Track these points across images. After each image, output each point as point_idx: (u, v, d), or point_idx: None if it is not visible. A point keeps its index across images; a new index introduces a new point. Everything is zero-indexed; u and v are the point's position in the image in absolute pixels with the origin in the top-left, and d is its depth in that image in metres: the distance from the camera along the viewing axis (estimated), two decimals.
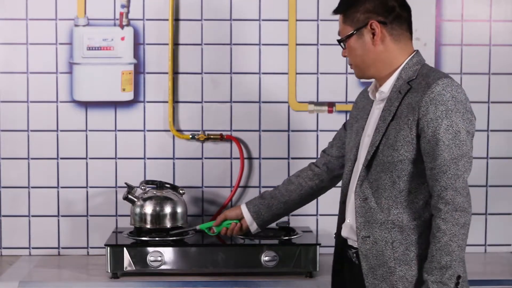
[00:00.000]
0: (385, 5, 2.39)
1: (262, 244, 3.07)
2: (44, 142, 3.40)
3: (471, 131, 2.30)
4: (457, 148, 2.26)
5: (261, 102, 3.44)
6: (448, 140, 2.25)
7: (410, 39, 2.44)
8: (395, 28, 2.39)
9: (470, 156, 2.28)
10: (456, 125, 2.26)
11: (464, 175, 2.27)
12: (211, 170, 3.44)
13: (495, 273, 3.18)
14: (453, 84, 2.29)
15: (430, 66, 2.43)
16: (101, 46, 3.38)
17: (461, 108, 2.28)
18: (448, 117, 2.25)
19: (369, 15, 2.38)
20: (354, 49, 2.42)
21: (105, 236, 3.27)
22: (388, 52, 2.40)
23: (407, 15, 2.42)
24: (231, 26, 3.42)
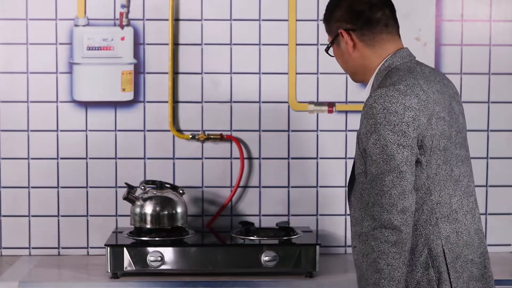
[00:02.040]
0: (352, 11, 2.34)
1: (262, 244, 3.08)
2: (44, 142, 3.40)
3: (406, 144, 2.15)
4: (384, 163, 2.15)
5: (261, 102, 3.44)
6: (375, 155, 2.17)
7: (391, 39, 2.36)
8: (366, 34, 2.34)
9: (400, 171, 2.14)
10: (384, 139, 2.15)
11: (392, 191, 2.14)
12: (211, 170, 3.44)
13: (495, 273, 3.14)
14: (388, 94, 2.17)
15: (401, 69, 2.30)
16: (101, 46, 3.38)
17: (393, 120, 2.15)
18: (376, 131, 2.16)
19: (339, 24, 2.36)
20: (337, 57, 2.44)
21: (105, 236, 3.27)
22: (364, 58, 2.36)
23: (382, 14, 2.34)
24: (231, 26, 3.42)
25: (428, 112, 2.21)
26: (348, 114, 3.44)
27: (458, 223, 2.27)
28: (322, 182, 3.45)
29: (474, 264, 2.30)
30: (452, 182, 2.28)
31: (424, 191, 2.24)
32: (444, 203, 2.26)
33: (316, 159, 3.45)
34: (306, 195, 3.46)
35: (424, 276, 2.23)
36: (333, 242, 3.46)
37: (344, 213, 3.46)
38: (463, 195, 2.31)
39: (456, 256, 2.26)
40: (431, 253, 2.24)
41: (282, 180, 3.46)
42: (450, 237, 2.25)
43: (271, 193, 3.46)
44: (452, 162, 2.28)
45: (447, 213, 2.26)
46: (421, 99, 2.20)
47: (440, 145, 2.24)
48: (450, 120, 2.28)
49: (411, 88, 2.21)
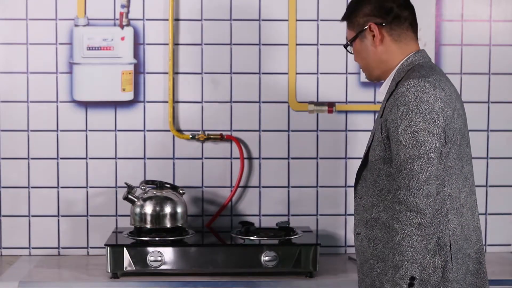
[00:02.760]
0: (383, 6, 2.44)
1: (262, 244, 3.08)
2: (44, 142, 3.41)
3: (436, 132, 2.25)
4: (413, 149, 2.24)
5: (261, 102, 3.44)
6: (405, 141, 2.26)
7: (414, 38, 2.47)
8: (394, 28, 2.44)
9: (429, 157, 2.24)
10: (415, 125, 2.25)
11: (420, 175, 2.23)
12: (211, 170, 3.44)
13: (495, 273, 3.18)
14: (420, 84, 2.27)
15: (424, 66, 2.40)
16: (101, 46, 3.38)
17: (424, 108, 2.25)
18: (407, 117, 2.26)
19: (368, 18, 2.45)
20: (358, 52, 2.50)
21: (105, 236, 3.27)
22: (388, 52, 2.45)
23: (408, 13, 2.46)
24: (231, 26, 3.42)
25: (452, 106, 2.31)
26: (348, 114, 3.44)
27: (463, 218, 2.36)
28: (322, 182, 3.45)
29: (471, 259, 2.38)
30: (462, 178, 2.37)
31: (439, 181, 2.30)
32: (455, 197, 2.35)
33: (316, 159, 3.45)
34: (306, 195, 3.46)
35: (430, 263, 2.29)
36: (333, 242, 3.47)
37: (344, 213, 3.46)
38: (469, 192, 2.41)
39: (459, 248, 2.34)
40: (439, 242, 2.31)
41: (282, 180, 3.46)
42: (456, 229, 2.34)
43: (271, 193, 3.46)
44: (463, 159, 2.38)
45: (456, 207, 2.35)
46: (447, 94, 2.31)
47: (457, 140, 2.34)
48: (465, 119, 2.40)
49: (439, 82, 2.31)
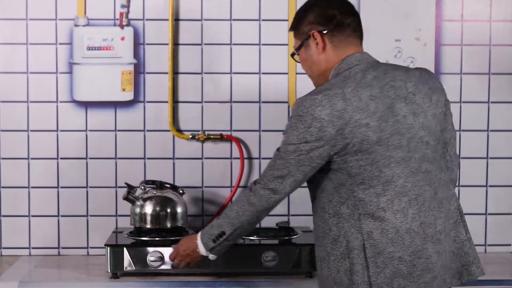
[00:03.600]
0: (325, 14, 2.51)
1: (262, 244, 3.08)
2: (44, 142, 3.41)
3: (304, 150, 2.39)
4: (281, 152, 2.45)
5: (261, 102, 3.44)
6: (281, 144, 2.45)
7: (355, 43, 2.52)
8: (336, 35, 2.50)
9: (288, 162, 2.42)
10: (290, 139, 2.42)
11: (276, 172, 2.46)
12: (211, 170, 3.44)
13: (495, 273, 3.18)
14: (302, 104, 2.38)
15: (339, 75, 2.45)
16: (101, 46, 3.38)
17: (300, 127, 2.38)
18: (287, 132, 2.44)
19: (311, 26, 2.53)
20: (304, 60, 2.58)
21: (105, 236, 3.27)
22: (328, 60, 2.52)
23: (352, 20, 2.52)
24: (231, 26, 3.42)
25: (342, 122, 2.35)
26: None
27: (384, 222, 2.37)
28: None
29: (402, 262, 2.38)
30: (381, 182, 2.38)
31: (348, 187, 2.40)
32: (369, 201, 2.38)
33: None
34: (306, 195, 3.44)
35: (341, 266, 2.41)
36: None
37: None
38: (395, 195, 2.39)
39: (378, 252, 2.37)
40: (348, 245, 2.39)
41: None
42: (372, 233, 2.37)
43: None
44: (382, 164, 2.38)
45: (372, 211, 2.38)
46: (335, 109, 2.35)
47: (362, 149, 2.36)
48: (381, 125, 2.37)
49: (329, 98, 2.36)
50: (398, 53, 3.42)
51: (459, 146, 3.46)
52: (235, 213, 2.56)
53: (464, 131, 3.47)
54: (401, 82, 2.44)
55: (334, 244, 2.42)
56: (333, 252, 2.42)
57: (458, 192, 3.47)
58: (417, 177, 2.42)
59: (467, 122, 3.48)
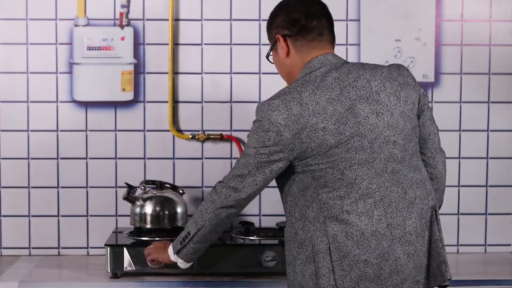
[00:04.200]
0: (290, 18, 2.50)
1: (262, 244, 3.07)
2: (44, 142, 3.40)
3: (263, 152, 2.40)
4: (243, 154, 2.47)
5: None
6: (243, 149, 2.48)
7: (319, 47, 2.49)
8: (299, 40, 2.50)
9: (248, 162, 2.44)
10: (251, 143, 2.44)
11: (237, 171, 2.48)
12: (211, 170, 3.44)
13: (495, 273, 3.18)
14: (261, 109, 2.40)
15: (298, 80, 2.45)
16: (101, 46, 3.38)
17: (259, 131, 2.40)
18: (249, 136, 2.45)
19: (277, 30, 2.54)
20: (275, 64, 2.61)
21: (105, 236, 3.27)
22: (293, 64, 2.53)
23: (317, 23, 2.48)
24: (231, 26, 3.42)
25: (298, 126, 2.35)
26: None
27: (349, 225, 2.35)
28: None
29: (368, 265, 2.35)
30: (344, 185, 2.36)
31: (312, 190, 2.39)
32: (333, 204, 2.36)
33: None
34: None
35: (307, 270, 2.39)
36: None
37: None
38: (360, 198, 2.36)
39: (344, 255, 2.35)
40: (314, 249, 2.37)
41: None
42: (337, 236, 2.35)
43: (271, 193, 3.43)
44: (343, 166, 2.36)
45: (336, 214, 2.36)
46: (292, 114, 2.36)
47: (320, 152, 2.35)
48: (339, 128, 2.35)
49: (286, 103, 2.37)
50: (398, 53, 3.42)
51: (459, 146, 3.46)
52: (198, 212, 2.57)
53: (464, 131, 3.47)
54: (364, 81, 2.41)
55: (300, 248, 2.40)
56: (299, 256, 2.40)
57: (458, 192, 3.47)
58: (383, 178, 2.37)
59: (467, 122, 3.48)
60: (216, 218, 2.53)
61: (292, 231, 2.44)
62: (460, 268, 3.22)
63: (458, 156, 3.46)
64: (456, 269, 3.20)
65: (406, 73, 2.48)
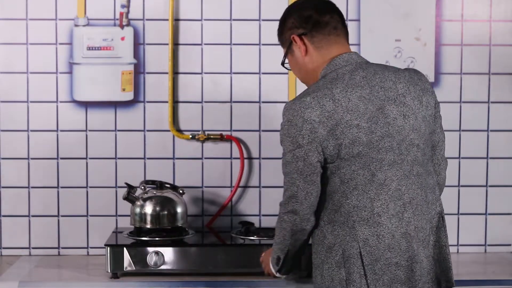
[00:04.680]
0: (301, 16, 2.50)
1: (262, 244, 3.07)
2: (44, 142, 3.41)
3: (299, 155, 2.36)
4: (284, 167, 2.42)
5: (261, 102, 3.44)
6: (282, 158, 2.42)
7: (338, 41, 2.49)
8: (315, 35, 2.48)
9: (292, 177, 2.39)
10: (286, 147, 2.39)
11: (288, 192, 2.41)
12: (211, 170, 3.44)
13: (495, 273, 3.18)
14: (292, 108, 2.37)
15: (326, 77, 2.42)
16: (101, 46, 3.38)
17: (292, 132, 2.36)
18: (282, 141, 2.40)
19: (291, 32, 2.52)
20: (293, 67, 2.58)
21: (105, 236, 3.27)
22: (313, 62, 2.50)
23: (330, 17, 2.49)
24: (231, 26, 3.42)
25: (333, 122, 2.33)
26: None
27: (380, 227, 2.34)
28: None
29: (399, 267, 2.36)
30: (374, 187, 2.35)
31: (340, 194, 2.37)
32: (363, 207, 2.34)
33: None
34: None
35: (336, 275, 2.37)
36: None
37: None
38: (390, 199, 2.36)
39: (376, 258, 2.34)
40: (344, 254, 2.36)
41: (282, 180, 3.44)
42: (368, 240, 2.34)
43: (271, 193, 3.46)
44: (374, 167, 2.35)
45: (366, 217, 2.35)
46: (325, 110, 2.34)
47: (353, 151, 2.34)
48: (371, 126, 2.35)
49: (318, 100, 2.34)
50: (398, 53, 3.42)
51: (459, 146, 3.46)
52: (277, 238, 2.52)
53: (464, 131, 3.47)
54: (390, 83, 2.41)
55: (329, 252, 2.39)
56: (328, 260, 2.39)
57: (458, 192, 3.47)
58: (410, 180, 2.38)
59: (467, 122, 3.47)
60: (296, 241, 2.48)
61: (320, 234, 2.42)
62: (460, 268, 3.22)
63: (458, 156, 3.46)
64: (456, 269, 3.19)
65: (424, 79, 2.50)
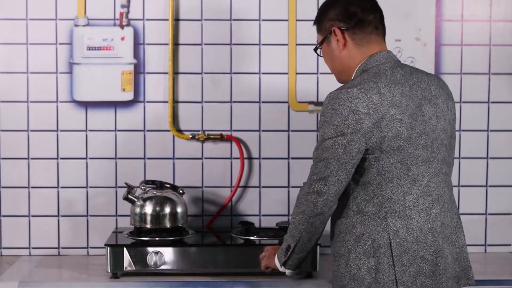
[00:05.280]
0: (347, 11, 2.53)
1: (262, 244, 3.07)
2: (44, 142, 3.40)
3: (341, 143, 2.37)
4: (321, 152, 2.41)
5: (261, 102, 3.44)
6: (319, 143, 2.43)
7: (378, 41, 2.55)
8: (357, 33, 2.53)
9: (328, 162, 2.39)
10: (326, 134, 2.40)
11: (318, 175, 2.41)
12: (211, 170, 3.44)
13: (495, 273, 3.18)
14: (338, 96, 2.39)
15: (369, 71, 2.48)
16: (101, 46, 3.38)
17: (337, 120, 2.38)
18: (323, 127, 2.42)
19: (332, 23, 2.55)
20: (326, 55, 2.62)
21: (105, 236, 3.27)
22: (351, 57, 2.54)
23: (373, 17, 2.54)
24: (231, 26, 3.42)
25: (379, 115, 2.37)
26: None
27: (411, 220, 2.40)
28: None
29: (424, 261, 2.41)
30: (408, 181, 2.41)
31: (375, 185, 2.41)
32: (397, 200, 2.40)
33: None
34: None
35: (364, 264, 2.40)
36: None
37: None
38: (420, 194, 2.42)
39: (404, 250, 2.40)
40: (374, 244, 2.40)
41: (282, 180, 3.46)
42: (399, 232, 2.40)
43: (271, 193, 3.46)
44: (410, 162, 2.41)
45: (399, 209, 2.40)
46: (372, 103, 2.37)
47: (394, 145, 2.38)
48: (412, 123, 2.41)
49: (365, 92, 2.39)
50: (398, 53, 3.42)
51: (459, 146, 3.46)
52: (292, 224, 2.52)
53: (464, 131, 3.47)
54: (425, 84, 2.49)
55: (357, 241, 2.42)
56: (355, 250, 2.42)
57: (458, 192, 3.47)
58: (439, 178, 2.46)
59: (467, 122, 3.48)
60: (311, 227, 2.47)
61: (348, 224, 2.45)
62: None
63: (458, 156, 3.46)
64: None
65: (447, 86, 2.59)
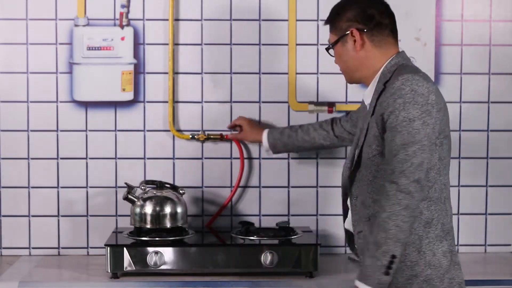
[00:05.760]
0: (365, 13, 2.56)
1: (262, 244, 3.08)
2: (44, 142, 3.41)
3: (430, 122, 2.36)
4: (409, 135, 2.34)
5: (261, 102, 3.44)
6: (401, 128, 2.35)
7: (394, 43, 2.59)
8: (376, 35, 2.56)
9: (423, 145, 2.34)
10: (412, 115, 2.35)
11: (413, 160, 2.33)
12: (211, 170, 3.44)
13: (495, 273, 3.18)
14: (414, 78, 2.39)
15: (409, 65, 2.52)
16: (101, 46, 3.38)
17: (420, 100, 2.36)
18: (405, 109, 2.36)
19: (350, 24, 2.57)
20: (340, 55, 2.62)
21: (105, 236, 3.27)
22: (369, 57, 2.56)
23: (389, 21, 2.58)
24: (231, 26, 3.42)
25: (442, 101, 2.47)
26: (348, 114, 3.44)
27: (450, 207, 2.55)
28: (322, 182, 3.45)
29: None
30: (448, 169, 2.52)
31: (436, 171, 2.44)
32: (448, 185, 2.50)
33: (316, 159, 3.45)
34: (306, 195, 3.46)
35: (439, 248, 2.44)
36: (333, 242, 3.46)
37: None
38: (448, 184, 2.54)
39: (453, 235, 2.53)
40: (443, 228, 2.46)
41: (282, 180, 3.46)
42: (452, 217, 2.53)
43: (271, 193, 3.46)
44: (450, 152, 2.52)
45: (449, 196, 2.52)
46: (436, 89, 2.44)
47: (447, 132, 2.47)
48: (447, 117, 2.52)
49: (427, 79, 2.44)
50: None
51: (459, 146, 3.46)
52: (394, 230, 2.30)
53: (464, 131, 3.47)
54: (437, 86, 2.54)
55: (427, 227, 2.44)
56: (427, 235, 2.44)
57: (458, 192, 3.47)
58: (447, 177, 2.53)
59: (467, 122, 3.47)
60: (414, 220, 2.36)
61: None
62: None
63: (458, 156, 3.46)
64: None
65: None
